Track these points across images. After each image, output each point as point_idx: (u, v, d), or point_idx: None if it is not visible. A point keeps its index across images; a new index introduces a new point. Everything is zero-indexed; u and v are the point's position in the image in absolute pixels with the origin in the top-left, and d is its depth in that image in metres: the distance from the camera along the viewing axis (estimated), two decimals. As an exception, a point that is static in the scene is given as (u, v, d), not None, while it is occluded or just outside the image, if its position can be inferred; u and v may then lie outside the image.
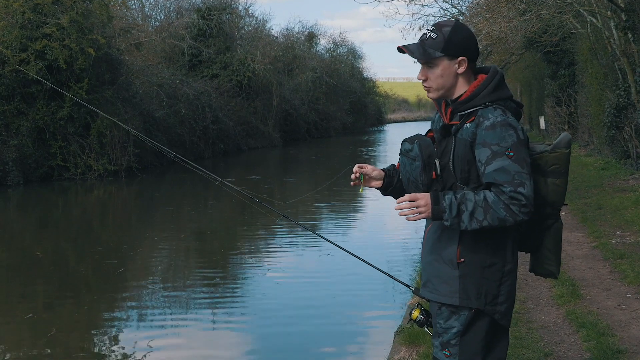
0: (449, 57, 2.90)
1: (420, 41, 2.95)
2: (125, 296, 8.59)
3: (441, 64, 2.91)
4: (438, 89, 2.95)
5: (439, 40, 2.89)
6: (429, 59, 2.91)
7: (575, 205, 11.51)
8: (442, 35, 2.90)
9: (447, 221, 2.79)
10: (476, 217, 2.75)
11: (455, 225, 2.79)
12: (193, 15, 36.92)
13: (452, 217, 2.77)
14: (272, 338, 6.85)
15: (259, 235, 12.64)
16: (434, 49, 2.89)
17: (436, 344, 3.01)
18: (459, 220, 2.77)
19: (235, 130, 33.94)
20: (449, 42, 2.89)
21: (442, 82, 2.93)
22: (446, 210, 2.77)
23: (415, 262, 9.37)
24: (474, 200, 2.76)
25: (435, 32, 2.91)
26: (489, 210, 2.74)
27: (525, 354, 5.03)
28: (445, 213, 2.78)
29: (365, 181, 3.22)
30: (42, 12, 21.39)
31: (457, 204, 2.77)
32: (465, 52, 2.92)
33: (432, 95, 2.99)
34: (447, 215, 2.78)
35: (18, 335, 7.14)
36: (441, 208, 2.78)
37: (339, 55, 59.39)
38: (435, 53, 2.89)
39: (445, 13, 23.92)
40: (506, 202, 2.72)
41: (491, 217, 2.74)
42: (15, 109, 21.05)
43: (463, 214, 2.76)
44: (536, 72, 30.79)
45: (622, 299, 6.40)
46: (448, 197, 2.79)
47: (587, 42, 18.71)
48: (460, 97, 2.93)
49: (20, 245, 12.13)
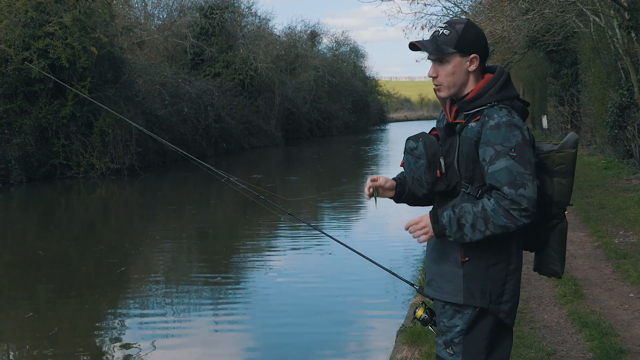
0: (462, 54, 2.90)
1: (432, 38, 2.95)
2: (127, 295, 8.59)
3: (453, 61, 2.91)
4: (449, 86, 2.94)
5: (452, 37, 2.89)
6: (442, 54, 2.91)
7: (578, 205, 11.50)
8: (455, 32, 2.89)
9: (451, 237, 2.83)
10: (478, 228, 2.76)
11: (460, 239, 2.82)
12: (195, 14, 36.94)
13: (454, 233, 2.81)
14: (275, 337, 6.84)
15: (262, 234, 12.64)
16: (447, 45, 2.89)
17: (439, 343, 3.01)
18: (462, 234, 2.80)
19: (238, 129, 33.95)
20: (462, 39, 2.88)
21: (453, 80, 2.92)
22: (446, 227, 2.82)
23: (418, 261, 9.36)
24: (473, 212, 2.77)
25: (448, 29, 2.91)
26: (489, 220, 2.75)
27: (527, 354, 5.02)
28: (446, 230, 2.82)
29: (378, 194, 3.21)
30: (45, 11, 21.41)
31: (457, 219, 2.79)
32: (477, 49, 2.92)
33: (442, 93, 2.97)
34: (448, 232, 2.82)
35: (20, 333, 7.14)
36: (441, 226, 2.83)
37: (341, 54, 59.43)
38: (448, 49, 2.89)
39: (447, 12, 23.88)
40: (506, 208, 2.72)
41: (493, 226, 2.75)
42: (18, 107, 21.08)
43: (464, 228, 2.78)
44: (539, 71, 30.74)
45: (624, 298, 6.39)
46: (447, 213, 2.82)
47: (590, 42, 18.67)
48: (467, 95, 2.93)
49: (23, 244, 12.14)
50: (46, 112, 21.39)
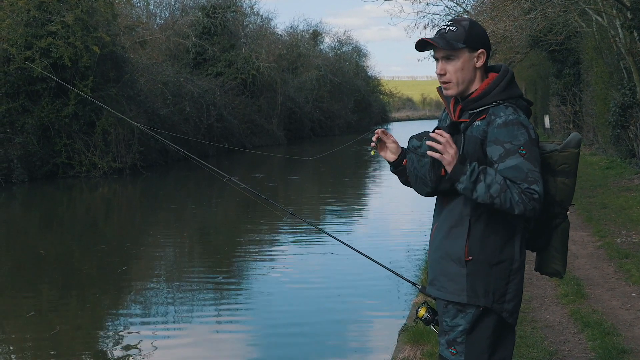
0: (470, 49, 2.89)
1: (439, 35, 2.93)
2: (128, 295, 8.59)
3: (462, 56, 2.90)
4: (458, 83, 2.92)
5: (460, 33, 2.88)
6: (453, 49, 2.89)
7: (580, 205, 11.49)
8: (462, 28, 2.89)
9: (462, 184, 2.75)
10: (491, 191, 2.71)
11: (468, 191, 2.75)
12: (198, 13, 36.96)
13: (469, 182, 2.73)
14: (277, 336, 6.84)
15: (263, 233, 12.64)
16: (456, 40, 2.88)
17: (442, 342, 3.00)
18: (474, 187, 2.74)
19: (240, 129, 33.96)
20: (470, 34, 2.88)
21: (463, 76, 2.91)
22: (467, 172, 2.74)
23: (420, 260, 9.36)
24: (494, 175, 2.73)
25: (454, 26, 2.91)
26: (505, 190, 2.71)
27: (529, 353, 5.02)
28: (464, 175, 2.74)
29: (381, 147, 3.22)
30: (47, 10, 21.43)
31: (478, 172, 2.74)
32: (483, 45, 2.92)
33: (451, 91, 2.94)
34: (464, 178, 2.74)
35: (22, 333, 7.14)
36: (463, 168, 2.75)
37: (343, 53, 59.48)
38: (457, 44, 2.88)
39: (450, 11, 23.93)
40: (521, 189, 2.72)
41: (504, 197, 2.71)
42: (20, 106, 21.10)
43: (479, 184, 2.73)
44: (541, 70, 30.73)
45: (627, 298, 6.38)
46: (473, 163, 2.77)
47: (593, 41, 18.66)
48: (472, 94, 2.93)
49: (25, 243, 12.15)
50: (48, 111, 21.41)
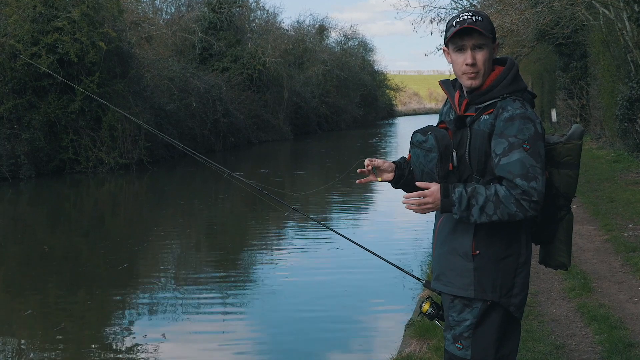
0: (493, 40, 2.89)
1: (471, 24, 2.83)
2: (134, 291, 8.60)
3: (488, 47, 2.88)
4: (484, 73, 2.88)
5: (486, 23, 2.85)
6: (493, 36, 2.87)
7: (587, 198, 11.45)
8: (486, 19, 2.86)
9: (456, 214, 2.79)
10: (486, 211, 2.74)
11: (465, 218, 2.78)
12: (204, 9, 36.94)
13: (462, 211, 2.77)
14: (282, 330, 6.84)
15: (269, 229, 12.64)
16: (487, 30, 2.84)
17: (448, 337, 2.99)
18: (469, 214, 2.76)
19: (246, 124, 33.96)
20: (492, 25, 2.88)
21: (488, 67, 2.89)
22: (455, 203, 2.77)
23: (425, 255, 9.34)
24: (485, 194, 2.74)
25: (479, 15, 2.85)
26: (499, 205, 2.72)
27: (536, 347, 5.00)
28: (454, 207, 2.77)
29: (379, 173, 3.22)
30: (53, 6, 21.46)
31: (467, 198, 2.75)
32: (495, 38, 2.92)
33: (477, 81, 2.88)
34: (456, 209, 2.77)
35: (27, 328, 7.17)
36: (450, 201, 2.78)
37: (349, 48, 59.31)
38: (489, 34, 2.85)
39: (456, 5, 23.82)
40: (517, 197, 2.71)
41: (501, 212, 2.73)
42: (27, 102, 21.15)
43: (473, 208, 2.75)
44: (548, 64, 30.61)
45: (634, 292, 6.36)
46: (458, 190, 2.77)
47: (600, 34, 18.56)
48: (479, 87, 2.90)
49: (32, 239, 12.18)
50: (55, 107, 21.45)
